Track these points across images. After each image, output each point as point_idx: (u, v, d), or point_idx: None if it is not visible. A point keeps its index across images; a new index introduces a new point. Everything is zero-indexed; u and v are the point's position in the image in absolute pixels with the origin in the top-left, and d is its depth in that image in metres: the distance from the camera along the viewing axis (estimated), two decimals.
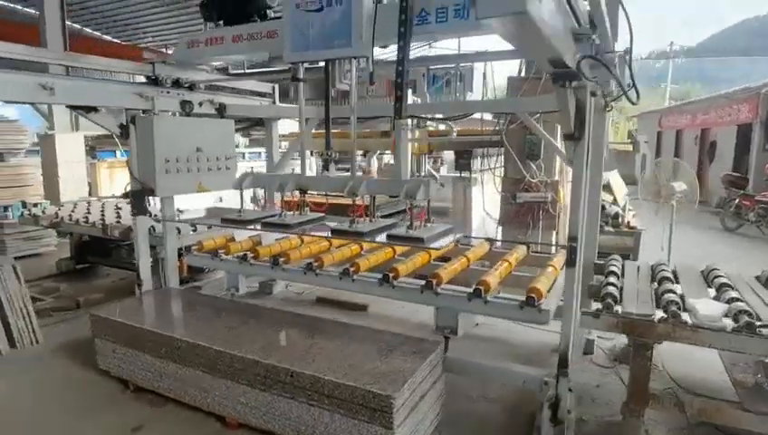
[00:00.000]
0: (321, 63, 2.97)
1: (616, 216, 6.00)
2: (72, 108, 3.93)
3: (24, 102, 3.78)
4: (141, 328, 3.46)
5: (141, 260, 4.35)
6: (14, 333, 3.91)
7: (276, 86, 5.70)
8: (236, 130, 6.38)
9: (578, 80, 2.08)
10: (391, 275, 3.51)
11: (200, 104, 4.65)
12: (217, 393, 3.12)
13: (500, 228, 5.77)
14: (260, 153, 10.41)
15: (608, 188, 6.26)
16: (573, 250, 2.58)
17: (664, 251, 5.53)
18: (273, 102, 5.67)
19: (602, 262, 3.82)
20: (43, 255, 7.41)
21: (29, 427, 3.16)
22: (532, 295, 2.98)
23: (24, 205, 7.36)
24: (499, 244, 4.74)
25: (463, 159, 6.00)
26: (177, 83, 4.21)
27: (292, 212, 3.32)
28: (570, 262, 2.62)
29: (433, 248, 2.74)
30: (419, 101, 6.85)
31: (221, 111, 4.89)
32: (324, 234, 3.66)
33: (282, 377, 2.84)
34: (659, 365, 3.69)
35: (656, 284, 3.30)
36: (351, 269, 3.62)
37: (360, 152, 8.22)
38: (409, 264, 3.71)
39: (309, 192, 3.30)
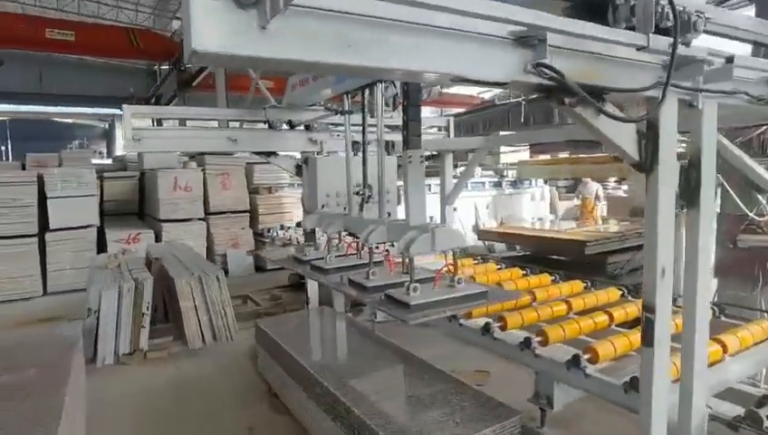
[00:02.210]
0: None
1: None
2: (256, 153, 4.85)
3: (216, 153, 4.86)
4: (276, 341, 3.99)
5: (309, 281, 4.99)
6: (215, 329, 5.02)
7: (451, 119, 5.76)
8: None
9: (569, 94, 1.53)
10: (497, 325, 3.14)
11: (368, 143, 5.10)
12: (314, 421, 3.32)
13: (714, 280, 4.37)
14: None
15: None
16: (650, 324, 1.85)
17: None
18: (448, 135, 5.74)
19: None
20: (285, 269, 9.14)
21: (189, 396, 4.09)
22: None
23: (282, 227, 9.28)
24: None
25: None
26: (290, 124, 4.60)
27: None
28: (646, 339, 1.88)
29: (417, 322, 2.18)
30: None
31: (388, 148, 5.24)
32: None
33: (342, 413, 2.88)
34: None
35: None
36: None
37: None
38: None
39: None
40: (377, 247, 2.98)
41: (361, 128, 3.21)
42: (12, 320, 6.34)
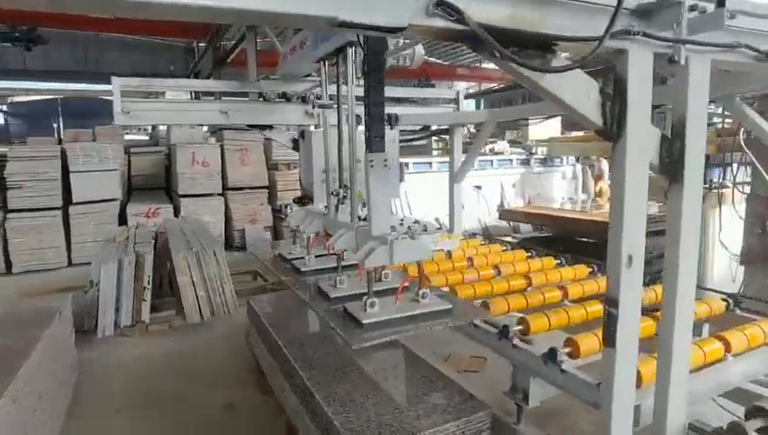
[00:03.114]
0: None
1: None
2: (251, 126, 4.71)
3: (206, 124, 4.74)
4: (261, 318, 3.90)
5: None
6: (213, 305, 4.99)
7: (461, 91, 5.42)
8: (419, 139, 6.40)
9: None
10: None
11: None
12: (289, 403, 3.22)
13: (741, 269, 3.95)
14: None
15: None
16: (612, 320, 1.59)
17: None
18: (458, 109, 5.42)
19: None
20: None
21: (177, 370, 4.12)
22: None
23: None
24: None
25: None
26: (285, 96, 4.39)
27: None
28: (607, 338, 1.62)
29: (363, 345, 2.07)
30: None
31: (392, 121, 4.99)
32: None
33: (308, 396, 2.75)
34: None
35: None
36: None
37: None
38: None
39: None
40: None
41: (338, 99, 2.94)
42: (29, 289, 6.56)
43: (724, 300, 2.93)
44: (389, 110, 4.97)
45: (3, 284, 7.14)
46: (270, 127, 4.63)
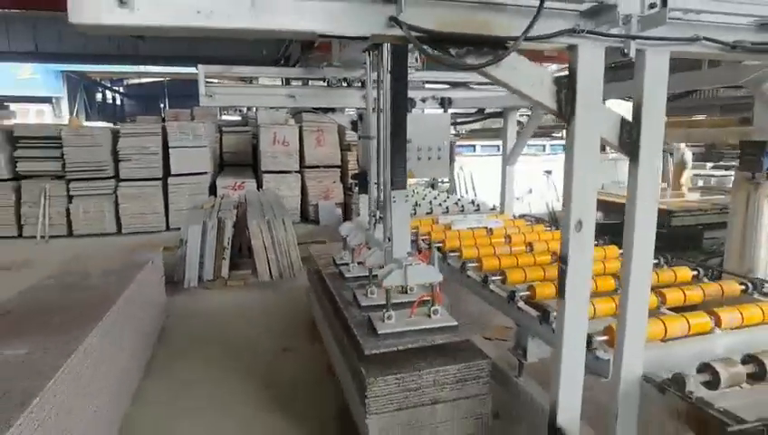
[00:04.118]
0: None
1: None
2: (315, 109, 5.23)
3: (277, 106, 5.32)
4: (316, 264, 4.41)
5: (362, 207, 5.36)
6: (281, 267, 5.67)
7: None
8: (474, 122, 6.59)
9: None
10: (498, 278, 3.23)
11: (423, 100, 5.22)
12: (330, 348, 3.74)
13: None
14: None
15: None
16: (562, 275, 1.87)
17: None
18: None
19: None
20: None
21: (246, 318, 4.83)
22: (606, 337, 2.24)
23: None
24: None
25: (749, 154, 4.18)
26: (346, 82, 4.78)
27: None
28: (559, 290, 1.90)
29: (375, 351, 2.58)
30: None
31: (444, 104, 5.30)
32: None
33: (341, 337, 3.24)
34: None
35: None
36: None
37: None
38: None
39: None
40: None
41: (378, 85, 3.30)
42: (133, 247, 7.70)
43: (743, 283, 2.97)
44: (444, 94, 5.29)
45: (114, 241, 8.44)
46: (333, 110, 5.13)
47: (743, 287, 2.96)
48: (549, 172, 10.72)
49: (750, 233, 4.38)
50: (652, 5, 1.70)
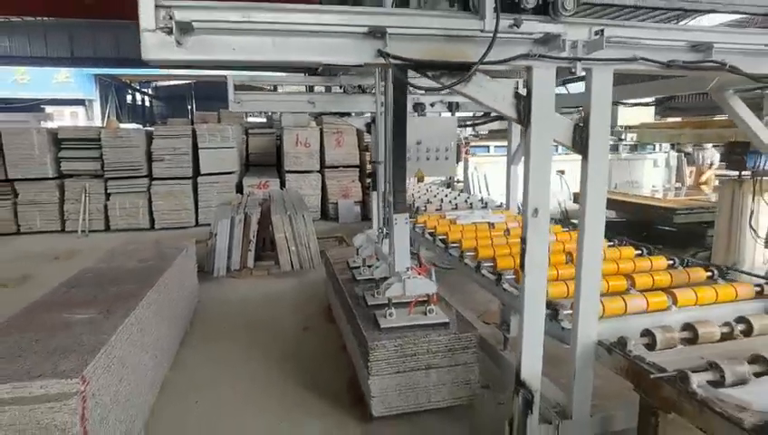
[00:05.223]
0: None
1: None
2: (333, 113, 5.72)
3: (299, 112, 5.80)
4: (332, 267, 4.92)
5: (374, 219, 5.82)
6: (301, 259, 6.17)
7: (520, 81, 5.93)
8: (481, 124, 6.96)
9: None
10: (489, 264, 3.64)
11: (432, 105, 5.65)
12: (343, 328, 4.21)
13: None
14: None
15: None
16: (523, 253, 2.29)
17: None
18: None
19: None
20: None
21: (270, 302, 5.35)
22: (570, 311, 2.64)
23: None
24: None
25: (736, 152, 4.49)
26: (361, 89, 5.25)
27: None
28: (521, 265, 2.32)
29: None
30: None
31: (452, 108, 5.71)
32: None
33: (350, 316, 3.70)
34: None
35: None
36: None
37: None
38: None
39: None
40: None
41: (386, 94, 3.75)
42: (167, 240, 8.34)
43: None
44: (452, 98, 5.69)
45: (148, 236, 9.10)
46: (349, 114, 5.61)
47: (709, 274, 3.31)
48: (562, 172, 10.97)
49: (735, 227, 4.69)
50: (597, 33, 2.11)
